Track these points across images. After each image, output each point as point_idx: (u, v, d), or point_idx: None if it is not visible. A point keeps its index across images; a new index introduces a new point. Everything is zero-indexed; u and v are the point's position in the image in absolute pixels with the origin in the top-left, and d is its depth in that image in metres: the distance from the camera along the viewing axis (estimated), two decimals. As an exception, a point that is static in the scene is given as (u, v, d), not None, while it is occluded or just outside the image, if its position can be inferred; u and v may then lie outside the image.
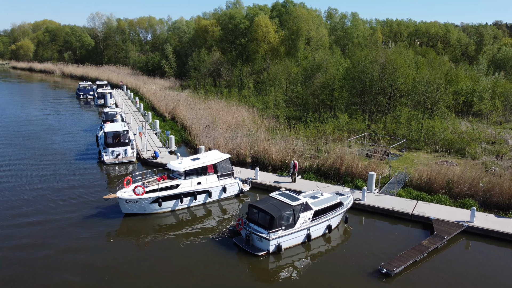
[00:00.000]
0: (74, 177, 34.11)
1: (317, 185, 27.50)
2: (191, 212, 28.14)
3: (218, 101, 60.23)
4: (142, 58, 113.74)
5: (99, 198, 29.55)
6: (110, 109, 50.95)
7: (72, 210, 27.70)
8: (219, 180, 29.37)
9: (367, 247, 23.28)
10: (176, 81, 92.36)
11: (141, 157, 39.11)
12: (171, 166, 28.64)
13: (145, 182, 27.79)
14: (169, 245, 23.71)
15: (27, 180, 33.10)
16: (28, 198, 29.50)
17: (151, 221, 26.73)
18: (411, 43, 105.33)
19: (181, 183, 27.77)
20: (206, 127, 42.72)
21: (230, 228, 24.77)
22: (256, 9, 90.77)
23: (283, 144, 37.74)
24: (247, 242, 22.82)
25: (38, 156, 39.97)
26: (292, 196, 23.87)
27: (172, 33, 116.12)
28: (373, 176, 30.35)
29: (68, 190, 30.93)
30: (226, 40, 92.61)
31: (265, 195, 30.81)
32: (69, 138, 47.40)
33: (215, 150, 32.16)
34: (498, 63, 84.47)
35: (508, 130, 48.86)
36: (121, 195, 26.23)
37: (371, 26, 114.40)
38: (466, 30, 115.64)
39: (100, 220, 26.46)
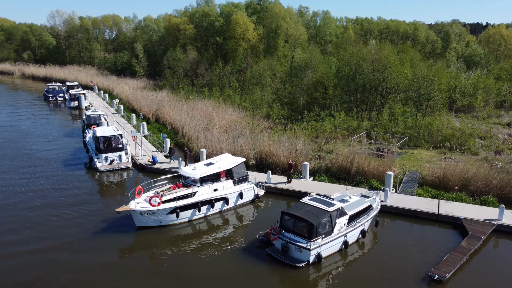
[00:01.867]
0: (69, 190, 31.00)
1: (346, 188, 26.41)
2: (209, 221, 26.25)
3: (202, 101, 57.95)
4: (110, 58, 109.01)
5: (103, 212, 27.09)
6: (92, 112, 47.64)
7: (77, 229, 24.86)
8: (235, 186, 27.61)
9: (406, 251, 22.37)
10: (149, 81, 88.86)
11: (137, 163, 36.54)
12: (185, 172, 26.57)
13: (159, 192, 25.57)
14: (192, 258, 21.81)
15: (17, 197, 29.28)
16: (24, 219, 25.97)
17: (167, 233, 24.62)
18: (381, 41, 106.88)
19: (197, 190, 25.79)
20: (204, 129, 40.61)
21: (260, 238, 23.10)
22: (231, 7, 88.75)
23: (286, 144, 36.37)
24: (284, 253, 21.27)
25: (22, 167, 36.01)
26: (326, 201, 22.56)
27: (140, 31, 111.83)
28: (391, 176, 29.58)
29: (66, 206, 27.83)
30: (200, 39, 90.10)
31: (279, 199, 29.73)
32: (51, 145, 43.78)
33: (227, 153, 30.32)
34: (467, 60, 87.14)
35: (493, 125, 49.86)
36: (135, 207, 23.94)
37: (342, 24, 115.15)
38: (432, 28, 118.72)
39: (111, 236, 24.02)
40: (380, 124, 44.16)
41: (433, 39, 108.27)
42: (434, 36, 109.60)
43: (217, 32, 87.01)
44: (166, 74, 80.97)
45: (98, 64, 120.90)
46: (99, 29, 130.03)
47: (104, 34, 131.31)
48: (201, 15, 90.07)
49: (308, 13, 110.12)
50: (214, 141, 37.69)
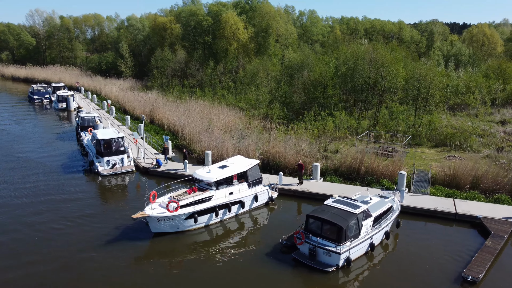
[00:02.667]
0: (74, 197, 29.59)
1: (367, 189, 26.03)
2: (225, 226, 25.47)
3: (196, 102, 56.87)
4: (94, 58, 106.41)
5: (113, 219, 25.99)
6: (86, 114, 46.05)
7: (88, 239, 23.69)
8: (250, 189, 26.90)
9: (431, 252, 22.10)
10: (136, 82, 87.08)
11: (140, 166, 35.39)
12: (199, 175, 25.70)
13: (174, 196, 24.65)
14: (213, 265, 21.03)
15: (24, 208, 27.42)
16: (36, 231, 24.55)
17: (185, 240, 23.74)
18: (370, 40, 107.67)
19: (213, 194, 24.98)
20: (207, 130, 39.70)
21: (283, 243, 22.46)
22: (218, 6, 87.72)
23: (292, 145, 35.86)
24: (311, 258, 20.70)
25: (22, 175, 34.05)
26: (351, 203, 22.10)
27: (124, 30, 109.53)
28: (404, 176, 29.38)
29: (74, 215, 26.56)
30: (188, 38, 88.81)
31: (293, 202, 29.14)
32: (46, 149, 42.02)
33: (239, 155, 29.56)
34: (452, 58, 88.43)
35: (487, 123, 50.43)
36: (152, 213, 22.97)
37: (328, 23, 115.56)
38: (416, 27, 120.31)
39: (125, 244, 22.94)
40: (381, 123, 44.07)
41: (417, 38, 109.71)
42: (418, 35, 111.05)
43: (205, 31, 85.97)
44: (154, 74, 79.41)
45: (80, 65, 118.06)
46: (81, 29, 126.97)
47: (86, 33, 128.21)
48: (189, 14, 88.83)
49: (294, 12, 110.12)
50: (218, 143, 36.83)
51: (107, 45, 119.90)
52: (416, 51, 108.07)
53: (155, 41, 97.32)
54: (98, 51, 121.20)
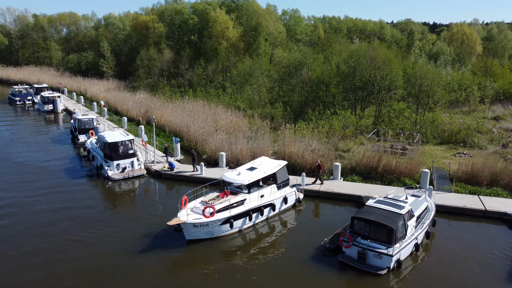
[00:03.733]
0: (89, 204, 28.09)
1: (404, 189, 25.69)
2: (258, 230, 24.61)
3: (191, 102, 55.46)
4: (73, 58, 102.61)
5: (136, 226, 24.64)
6: (83, 116, 43.99)
7: (114, 250, 22.39)
8: (279, 191, 26.12)
9: (473, 251, 22.01)
10: (120, 82, 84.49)
11: (151, 169, 33.95)
12: (229, 178, 24.71)
13: (207, 201, 23.58)
14: (254, 272, 20.19)
15: (38, 220, 25.40)
16: (58, 245, 23.00)
17: (219, 246, 22.75)
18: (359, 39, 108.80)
19: (246, 197, 24.07)
20: (216, 131, 38.59)
21: (327, 246, 21.79)
22: (204, 4, 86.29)
23: (306, 144, 35.31)
24: (361, 260, 20.13)
25: (26, 183, 31.64)
26: (394, 203, 21.68)
27: (104, 29, 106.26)
28: (427, 174, 29.32)
29: (93, 225, 24.96)
30: (172, 37, 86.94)
31: (320, 202, 28.52)
32: (44, 154, 39.76)
33: (264, 156, 28.71)
34: (434, 56, 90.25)
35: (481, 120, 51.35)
36: (187, 219, 21.85)
37: (310, 22, 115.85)
38: (396, 26, 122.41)
39: (156, 253, 21.72)
40: (386, 122, 44.12)
41: (398, 37, 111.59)
42: (399, 34, 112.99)
43: (191, 30, 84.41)
44: (140, 74, 77.23)
45: (57, 65, 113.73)
46: (56, 28, 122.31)
47: (61, 33, 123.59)
48: (173, 13, 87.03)
49: (277, 11, 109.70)
50: (230, 144, 35.82)
51: (83, 45, 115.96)
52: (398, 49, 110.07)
53: (137, 40, 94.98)
54: (75, 51, 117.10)
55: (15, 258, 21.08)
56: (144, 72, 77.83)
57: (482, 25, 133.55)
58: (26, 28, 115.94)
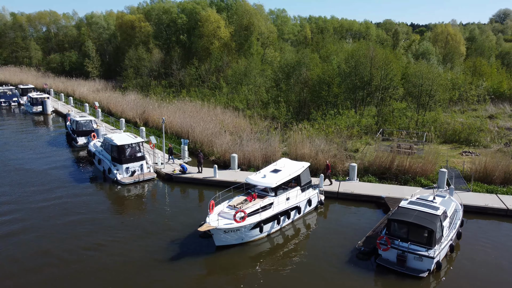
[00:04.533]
0: (105, 213, 26.96)
1: (433, 190, 25.46)
2: (285, 234, 23.97)
3: (187, 102, 54.32)
4: (55, 57, 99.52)
5: (156, 233, 23.68)
6: (81, 118, 42.35)
7: (139, 258, 21.44)
8: (303, 193, 25.56)
9: (505, 250, 21.97)
10: (107, 83, 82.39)
11: (161, 172, 32.86)
12: (254, 181, 24.00)
13: (235, 205, 22.79)
14: (288, 279, 19.55)
15: (54, 230, 23.87)
16: (76, 255, 22.08)
17: (248, 251, 22.03)
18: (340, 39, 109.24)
19: (273, 201, 23.40)
20: (226, 132, 37.73)
21: (361, 249, 21.33)
22: (193, 3, 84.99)
23: (316, 145, 34.90)
24: (401, 263, 19.75)
25: (31, 191, 29.90)
26: (428, 205, 21.44)
27: (87, 29, 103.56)
28: (445, 173, 29.34)
29: (113, 233, 23.98)
30: (161, 37, 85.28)
31: (339, 204, 28.12)
32: (43, 158, 38.05)
33: (284, 158, 28.06)
34: (421, 56, 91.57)
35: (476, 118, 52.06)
36: (218, 225, 21.03)
37: (297, 22, 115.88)
38: (380, 26, 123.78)
39: (185, 260, 20.87)
40: (390, 121, 44.16)
41: (383, 37, 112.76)
42: (384, 34, 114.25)
43: (180, 30, 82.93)
44: (129, 74, 75.37)
45: (37, 65, 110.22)
46: (35, 27, 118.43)
47: (41, 32, 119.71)
48: (161, 12, 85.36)
49: (263, 11, 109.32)
50: (241, 145, 35.06)
51: (64, 44, 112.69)
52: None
53: (122, 40, 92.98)
54: (55, 50, 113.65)
55: (37, 271, 19.85)
56: (132, 72, 76.03)
57: (460, 25, 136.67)
58: (4, 27, 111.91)
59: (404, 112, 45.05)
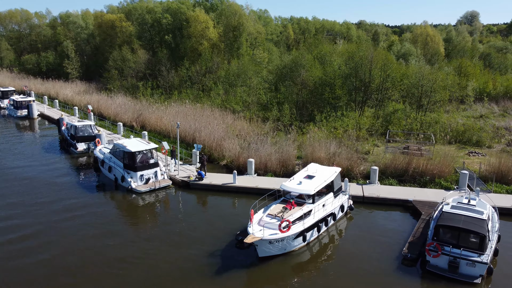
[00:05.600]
0: (129, 225, 25.66)
1: (469, 191, 25.35)
2: (322, 241, 23.36)
3: (182, 105, 52.89)
4: (31, 58, 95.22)
5: (192, 245, 22.65)
6: (80, 122, 40.30)
7: (180, 271, 20.45)
8: (335, 199, 25.04)
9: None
10: (89, 84, 79.48)
11: (176, 179, 31.57)
12: (291, 188, 23.22)
13: (276, 214, 21.96)
14: (336, 286, 19.09)
15: (78, 247, 22.45)
16: (110, 267, 20.80)
17: (290, 260, 21.30)
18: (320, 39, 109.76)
19: (312, 208, 22.74)
20: (238, 136, 36.75)
21: (408, 256, 20.97)
22: (177, 3, 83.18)
23: (333, 149, 34.52)
24: (452, 270, 19.51)
25: (41, 203, 27.83)
26: (472, 209, 21.35)
27: (63, 28, 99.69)
28: (466, 175, 29.52)
29: (144, 245, 22.83)
30: (145, 37, 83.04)
31: (366, 208, 27.74)
32: (42, 166, 35.84)
33: (313, 163, 27.39)
34: (403, 57, 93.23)
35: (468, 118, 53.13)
36: (264, 235, 20.17)
37: (278, 23, 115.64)
38: (360, 27, 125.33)
39: (227, 273, 19.97)
40: (395, 122, 44.34)
41: (364, 38, 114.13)
42: (364, 35, 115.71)
43: (165, 30, 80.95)
44: (113, 76, 72.88)
45: (9, 66, 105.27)
46: (6, 26, 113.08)
47: (13, 31, 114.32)
48: (145, 11, 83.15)
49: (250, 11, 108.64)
50: (254, 149, 34.20)
51: (37, 44, 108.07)
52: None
53: (101, 40, 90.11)
54: (28, 51, 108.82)
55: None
56: (117, 74, 73.61)
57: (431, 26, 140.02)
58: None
59: (407, 113, 45.30)
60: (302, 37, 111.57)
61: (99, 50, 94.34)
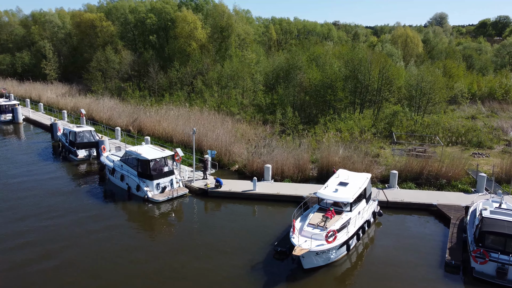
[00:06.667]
0: (159, 240, 24.43)
1: (493, 195, 25.41)
2: (358, 249, 22.90)
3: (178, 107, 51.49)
4: (5, 58, 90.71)
5: (233, 258, 21.75)
6: (79, 128, 38.35)
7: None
8: (367, 205, 24.68)
9: None
10: (70, 86, 76.41)
11: (192, 187, 30.41)
12: (328, 196, 22.67)
13: (318, 223, 21.32)
14: None
15: (108, 264, 21.62)
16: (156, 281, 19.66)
17: (332, 271, 20.73)
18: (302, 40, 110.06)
19: (350, 216, 22.26)
20: (250, 140, 35.87)
21: (452, 263, 20.81)
22: (162, 3, 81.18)
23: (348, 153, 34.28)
24: (501, 276, 19.47)
25: (57, 216, 26.26)
26: (509, 213, 21.41)
27: (37, 27, 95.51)
28: (484, 177, 29.83)
29: (181, 259, 21.78)
30: (128, 37, 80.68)
31: (391, 213, 27.53)
32: (45, 175, 33.76)
33: (342, 169, 26.92)
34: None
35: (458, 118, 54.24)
36: (311, 247, 19.52)
37: (260, 23, 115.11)
38: (340, 28, 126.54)
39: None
40: (398, 124, 44.60)
41: (344, 39, 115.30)
42: (345, 36, 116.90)
43: (149, 30, 78.81)
44: (97, 77, 70.29)
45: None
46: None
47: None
48: (128, 11, 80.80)
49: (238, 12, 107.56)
50: (270, 154, 33.48)
51: (8, 44, 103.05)
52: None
53: (80, 40, 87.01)
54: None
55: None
56: (101, 75, 71.07)
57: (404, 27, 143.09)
58: None
59: (408, 115, 45.69)
60: (284, 38, 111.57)
61: (77, 51, 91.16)
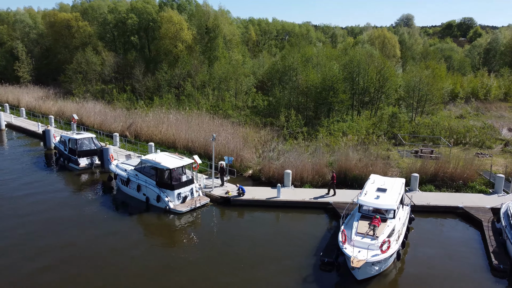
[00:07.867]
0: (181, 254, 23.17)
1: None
2: (400, 256, 22.47)
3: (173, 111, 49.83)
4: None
5: (280, 272, 20.82)
6: (79, 135, 36.14)
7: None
8: (403, 211, 24.31)
9: None
10: (47, 89, 72.83)
11: (213, 196, 29.14)
12: (371, 203, 22.06)
13: (367, 233, 20.69)
14: None
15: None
16: None
17: (384, 281, 20.20)
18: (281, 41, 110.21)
19: (395, 223, 21.79)
20: (256, 145, 34.92)
21: (502, 267, 20.71)
22: (142, 3, 78.63)
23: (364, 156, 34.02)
24: (553, 282, 19.55)
25: (73, 236, 24.51)
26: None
27: (5, 27, 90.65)
28: (502, 178, 30.20)
29: (219, 274, 20.66)
30: (107, 38, 77.66)
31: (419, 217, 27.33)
32: (47, 187, 31.51)
33: (374, 174, 26.42)
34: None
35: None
36: (368, 257, 18.88)
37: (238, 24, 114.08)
38: (318, 29, 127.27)
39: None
40: (400, 126, 44.82)
41: (322, 40, 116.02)
42: (323, 37, 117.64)
43: (130, 31, 76.15)
44: (78, 80, 67.25)
45: None
46: None
47: None
48: (107, 11, 77.84)
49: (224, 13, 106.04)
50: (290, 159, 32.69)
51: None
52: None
53: (54, 41, 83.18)
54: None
55: None
56: (81, 78, 68.06)
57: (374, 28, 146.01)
58: None
59: (409, 117, 46.09)
60: (263, 39, 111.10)
61: (50, 52, 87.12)
